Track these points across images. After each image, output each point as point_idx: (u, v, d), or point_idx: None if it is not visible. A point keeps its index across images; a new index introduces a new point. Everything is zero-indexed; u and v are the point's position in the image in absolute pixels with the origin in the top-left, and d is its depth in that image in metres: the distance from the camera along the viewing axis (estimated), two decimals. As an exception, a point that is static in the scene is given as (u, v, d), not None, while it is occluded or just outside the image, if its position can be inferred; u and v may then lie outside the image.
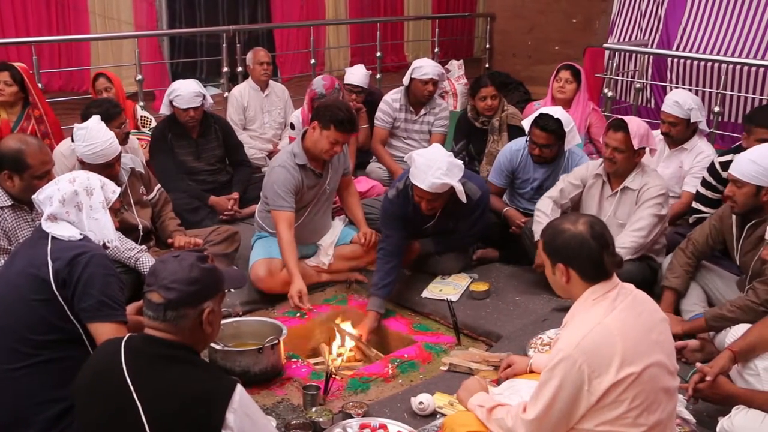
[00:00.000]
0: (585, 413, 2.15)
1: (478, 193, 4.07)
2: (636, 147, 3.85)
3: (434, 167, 3.73)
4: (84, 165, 3.80)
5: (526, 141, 4.49)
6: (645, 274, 3.85)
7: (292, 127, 5.37)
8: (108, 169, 3.79)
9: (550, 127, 4.28)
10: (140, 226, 4.06)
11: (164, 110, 5.13)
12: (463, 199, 3.85)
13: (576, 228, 2.27)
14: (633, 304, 2.25)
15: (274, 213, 4.00)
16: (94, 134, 3.79)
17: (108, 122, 4.03)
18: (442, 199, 3.89)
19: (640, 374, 2.13)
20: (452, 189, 3.80)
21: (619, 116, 4.01)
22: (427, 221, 4.13)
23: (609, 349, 2.12)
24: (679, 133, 4.59)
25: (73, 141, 3.95)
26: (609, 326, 2.16)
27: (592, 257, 2.24)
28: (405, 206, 4.02)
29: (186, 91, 4.96)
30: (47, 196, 2.60)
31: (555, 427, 2.20)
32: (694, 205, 4.34)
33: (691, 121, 4.53)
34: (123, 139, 4.32)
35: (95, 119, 3.91)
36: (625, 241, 3.80)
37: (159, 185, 4.36)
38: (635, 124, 3.90)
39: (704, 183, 4.29)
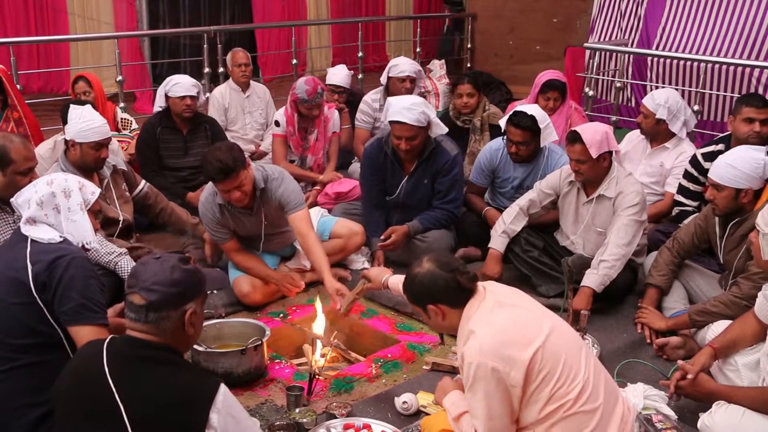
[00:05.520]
0: (520, 406, 2.25)
1: (455, 150, 4.41)
2: (594, 155, 3.74)
3: (411, 103, 4.20)
4: (68, 164, 3.93)
5: (503, 140, 4.51)
6: (625, 274, 3.83)
7: (277, 124, 5.36)
8: (100, 150, 3.92)
9: (524, 123, 4.30)
10: (121, 218, 4.09)
11: (160, 102, 5.24)
12: (441, 131, 4.29)
13: (423, 268, 2.42)
14: (501, 296, 2.40)
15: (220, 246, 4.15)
16: (89, 113, 3.97)
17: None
18: (420, 138, 4.22)
19: (544, 345, 2.24)
20: (428, 131, 4.24)
21: (573, 128, 3.93)
22: (402, 177, 4.39)
23: (507, 341, 2.24)
24: (649, 126, 4.61)
25: (64, 124, 4.08)
26: (496, 322, 2.29)
27: (450, 286, 2.37)
28: (379, 154, 4.42)
29: (184, 80, 5.16)
30: (25, 200, 2.58)
31: (506, 427, 2.29)
32: (677, 197, 4.35)
33: (657, 116, 4.52)
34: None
35: (88, 107, 4.08)
36: (612, 255, 3.69)
37: (144, 180, 4.45)
38: (590, 132, 3.78)
39: (686, 175, 4.30)
